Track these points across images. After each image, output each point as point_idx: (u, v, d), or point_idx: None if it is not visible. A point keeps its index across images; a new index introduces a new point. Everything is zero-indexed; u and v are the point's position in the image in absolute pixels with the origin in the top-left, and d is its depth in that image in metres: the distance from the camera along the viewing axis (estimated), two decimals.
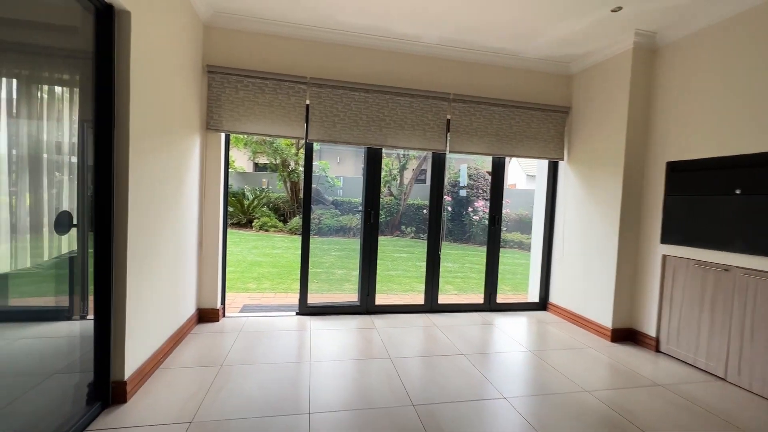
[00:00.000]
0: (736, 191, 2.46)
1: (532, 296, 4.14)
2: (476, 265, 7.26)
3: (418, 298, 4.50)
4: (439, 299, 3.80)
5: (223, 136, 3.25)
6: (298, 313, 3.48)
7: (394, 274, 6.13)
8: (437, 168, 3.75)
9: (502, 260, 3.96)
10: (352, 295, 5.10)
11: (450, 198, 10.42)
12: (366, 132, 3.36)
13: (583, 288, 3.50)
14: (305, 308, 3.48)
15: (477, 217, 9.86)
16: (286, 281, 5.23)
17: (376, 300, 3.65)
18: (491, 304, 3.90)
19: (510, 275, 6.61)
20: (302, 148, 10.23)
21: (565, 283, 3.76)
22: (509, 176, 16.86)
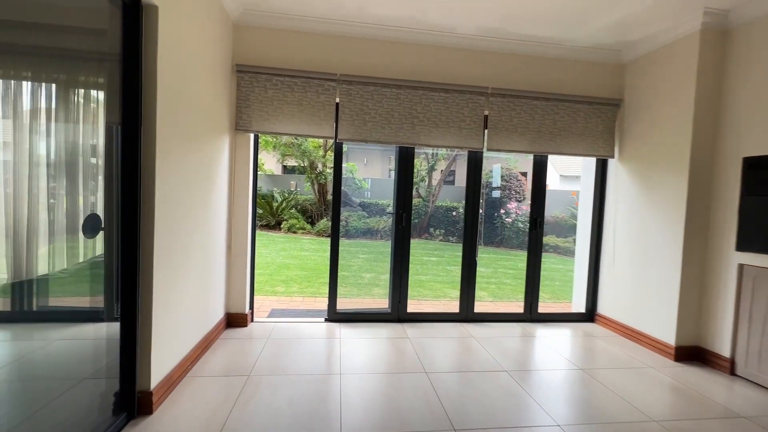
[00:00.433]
0: None
1: (578, 306, 3.80)
2: (510, 270, 6.90)
3: (451, 305, 4.27)
4: (475, 307, 3.56)
5: (252, 137, 3.18)
6: (327, 320, 3.35)
7: (424, 278, 5.91)
8: (473, 167, 3.51)
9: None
10: (381, 300, 4.93)
11: (481, 200, 10.05)
12: (398, 130, 3.18)
13: (639, 299, 3.14)
14: (334, 314, 3.34)
15: (509, 220, 9.45)
16: (315, 284, 5.14)
17: (408, 307, 3.46)
18: (532, 314, 3.61)
19: (548, 281, 6.21)
20: (330, 150, 10.27)
21: (617, 293, 3.41)
22: None
